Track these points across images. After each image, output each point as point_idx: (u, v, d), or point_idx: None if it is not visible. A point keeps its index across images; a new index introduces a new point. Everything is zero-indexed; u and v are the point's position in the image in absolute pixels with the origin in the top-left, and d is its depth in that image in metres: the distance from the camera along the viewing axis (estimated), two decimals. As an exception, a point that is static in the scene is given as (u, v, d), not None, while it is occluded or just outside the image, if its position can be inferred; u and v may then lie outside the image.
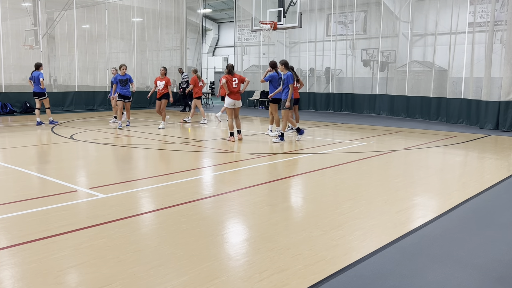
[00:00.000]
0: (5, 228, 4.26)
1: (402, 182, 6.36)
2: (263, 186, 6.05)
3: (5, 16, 17.01)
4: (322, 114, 18.03)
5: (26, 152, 8.72)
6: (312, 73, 19.99)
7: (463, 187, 6.08)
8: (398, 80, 16.84)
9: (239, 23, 22.38)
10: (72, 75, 19.09)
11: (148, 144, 9.83)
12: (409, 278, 3.27)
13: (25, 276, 3.24)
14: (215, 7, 31.06)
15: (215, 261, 3.52)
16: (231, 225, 4.50)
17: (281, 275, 3.28)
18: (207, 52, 34.42)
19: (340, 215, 4.72)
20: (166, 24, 22.24)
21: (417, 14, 16.94)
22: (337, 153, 8.82)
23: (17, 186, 5.99)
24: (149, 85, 20.77)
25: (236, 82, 10.16)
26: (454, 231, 4.32)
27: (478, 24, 14.53)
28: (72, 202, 5.15)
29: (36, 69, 12.88)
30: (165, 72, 12.83)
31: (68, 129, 12.21)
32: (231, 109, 10.24)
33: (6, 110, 16.33)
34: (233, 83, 10.12)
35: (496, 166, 7.65)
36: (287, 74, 10.00)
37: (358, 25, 18.90)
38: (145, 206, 5.16)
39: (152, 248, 3.79)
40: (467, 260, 3.62)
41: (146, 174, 6.91)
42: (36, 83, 12.76)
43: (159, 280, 3.18)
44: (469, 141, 10.57)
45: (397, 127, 13.42)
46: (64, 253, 3.63)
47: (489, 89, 13.03)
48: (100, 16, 19.71)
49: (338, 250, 3.77)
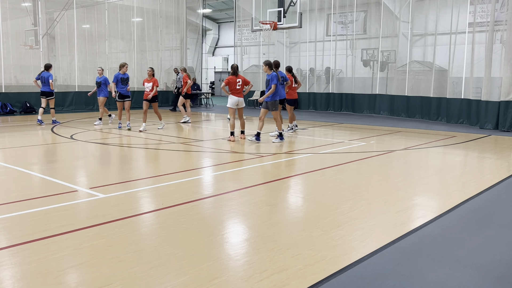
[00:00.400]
0: (5, 228, 4.26)
1: (402, 182, 6.36)
2: (263, 186, 6.05)
3: (5, 16, 17.01)
4: (322, 114, 18.03)
5: (26, 152, 8.72)
6: (312, 73, 19.99)
7: (463, 187, 6.08)
8: (398, 80, 16.84)
9: (239, 23, 22.38)
10: (72, 75, 19.09)
11: (148, 144, 9.83)
12: (409, 278, 3.27)
13: (25, 276, 3.24)
14: (215, 7, 31.06)
15: (215, 261, 3.52)
16: (231, 225, 4.50)
17: (281, 275, 3.28)
18: (207, 52, 34.41)
19: (340, 215, 4.72)
20: (166, 24, 22.24)
21: (417, 14, 16.94)
22: (337, 153, 8.82)
23: (17, 186, 5.99)
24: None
25: (240, 83, 10.17)
26: (454, 231, 4.32)
27: (478, 24, 14.53)
28: (72, 202, 5.15)
29: (46, 70, 13.10)
30: (152, 73, 12.15)
31: (68, 129, 12.21)
32: (234, 108, 10.26)
33: (6, 110, 16.33)
34: (237, 84, 10.14)
35: (496, 166, 7.65)
36: (272, 75, 9.94)
37: (358, 25, 18.90)
38: (145, 206, 5.16)
39: (152, 248, 3.79)
40: (467, 260, 3.62)
41: (146, 174, 6.91)
42: (45, 83, 12.97)
43: (159, 280, 3.18)
44: (469, 141, 10.57)
45: (397, 127, 13.42)
46: (64, 253, 3.63)
47: (489, 89, 13.03)
48: (100, 16, 19.72)
49: (338, 250, 3.77)
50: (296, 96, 11.85)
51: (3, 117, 15.69)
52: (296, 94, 11.82)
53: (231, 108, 10.26)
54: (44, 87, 12.99)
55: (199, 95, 22.69)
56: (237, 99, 10.18)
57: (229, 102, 10.28)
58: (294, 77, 11.63)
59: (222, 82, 34.31)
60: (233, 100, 10.17)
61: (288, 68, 11.80)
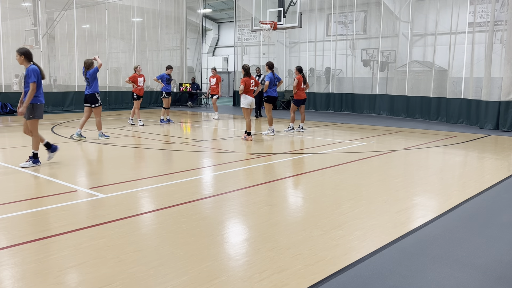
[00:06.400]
0: (5, 228, 4.26)
1: (402, 182, 6.36)
2: (263, 186, 6.05)
3: (5, 16, 17.01)
4: (322, 114, 18.03)
5: (26, 152, 8.71)
6: (312, 73, 19.99)
7: (463, 187, 6.08)
8: (398, 80, 16.85)
9: (239, 23, 22.39)
10: (72, 75, 19.07)
11: (148, 144, 9.83)
12: (409, 278, 3.27)
13: (25, 276, 3.24)
14: (215, 7, 31.04)
15: (215, 261, 3.52)
16: (231, 225, 4.50)
17: (281, 275, 3.28)
18: (207, 52, 34.40)
19: (340, 215, 4.72)
20: (166, 24, 22.24)
21: (417, 14, 16.94)
22: (337, 153, 8.82)
23: (17, 186, 5.99)
24: (149, 85, 20.77)
25: (253, 84, 10.32)
26: (454, 231, 4.31)
27: (478, 24, 14.53)
28: (72, 202, 5.15)
29: None
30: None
31: (68, 129, 12.21)
32: (249, 109, 10.30)
33: (6, 110, 16.33)
34: (251, 85, 10.25)
35: (496, 166, 7.64)
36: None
37: (358, 25, 18.91)
38: (145, 206, 5.16)
39: (152, 248, 3.79)
40: (467, 260, 3.62)
41: (146, 174, 6.91)
42: None
43: (159, 280, 3.18)
44: (469, 141, 10.57)
45: (397, 127, 13.42)
46: (64, 253, 3.63)
47: (489, 89, 13.03)
48: (100, 16, 19.71)
49: (338, 250, 3.77)
50: (304, 96, 11.90)
51: (3, 117, 15.69)
52: (304, 94, 11.86)
53: (246, 108, 10.29)
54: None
55: (198, 95, 22.69)
56: (251, 99, 10.31)
57: (244, 102, 10.31)
58: (304, 78, 11.70)
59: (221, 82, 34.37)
60: (248, 100, 10.26)
61: (298, 68, 11.86)
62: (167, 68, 14.09)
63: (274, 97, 11.50)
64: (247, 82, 10.13)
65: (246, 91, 10.19)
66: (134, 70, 13.23)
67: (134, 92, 13.10)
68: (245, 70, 10.23)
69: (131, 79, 12.98)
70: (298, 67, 11.87)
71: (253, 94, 10.48)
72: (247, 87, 10.16)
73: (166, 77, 13.85)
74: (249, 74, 10.26)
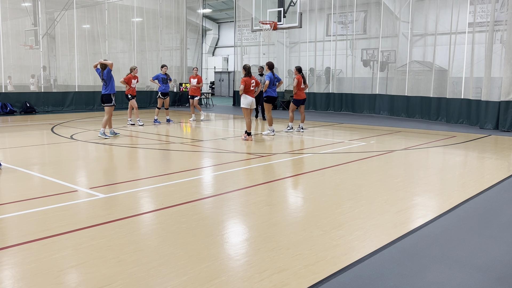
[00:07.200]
0: (5, 228, 4.26)
1: (402, 182, 6.36)
2: (263, 186, 6.05)
3: (5, 16, 17.01)
4: (322, 114, 18.03)
5: (26, 152, 8.72)
6: (312, 73, 19.99)
7: (463, 187, 6.08)
8: (398, 80, 16.85)
9: (239, 23, 22.38)
10: (72, 75, 19.08)
11: (148, 144, 9.83)
12: (409, 278, 3.27)
13: (25, 276, 3.24)
14: (215, 7, 31.06)
15: (215, 261, 3.52)
16: (231, 225, 4.50)
17: (281, 275, 3.28)
18: (207, 52, 34.42)
19: (340, 215, 4.72)
20: (166, 24, 22.24)
21: (417, 14, 16.94)
22: (337, 153, 8.82)
23: (17, 186, 5.99)
24: (149, 85, 20.78)
25: (253, 84, 10.29)
26: (454, 231, 4.31)
27: (478, 24, 14.53)
28: (72, 202, 5.15)
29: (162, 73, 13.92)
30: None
31: (68, 129, 12.21)
32: (249, 109, 10.29)
33: (6, 110, 16.33)
34: (251, 85, 10.22)
35: (496, 166, 7.64)
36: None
37: (358, 25, 18.91)
38: (145, 206, 5.16)
39: (152, 248, 3.79)
40: (467, 260, 3.62)
41: (146, 174, 6.91)
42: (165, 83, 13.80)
43: (159, 280, 3.18)
44: (469, 141, 10.57)
45: (397, 127, 13.42)
46: (64, 253, 3.63)
47: (489, 89, 13.03)
48: (100, 16, 19.72)
49: (338, 250, 3.77)
50: (304, 96, 11.91)
51: (3, 117, 15.69)
52: (304, 94, 11.87)
53: (246, 108, 10.29)
54: (165, 86, 13.81)
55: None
56: (251, 99, 10.29)
57: (244, 102, 10.30)
58: (303, 79, 11.72)
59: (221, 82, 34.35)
60: (248, 100, 10.25)
61: (298, 68, 11.87)
62: (162, 67, 14.02)
63: (274, 97, 11.54)
64: (247, 82, 10.13)
65: (246, 91, 10.19)
66: (130, 71, 13.03)
67: (128, 93, 13.03)
68: (246, 70, 10.24)
69: (126, 80, 12.84)
70: (298, 67, 11.88)
71: (254, 94, 10.49)
72: (247, 87, 10.17)
73: (162, 77, 13.73)
74: (250, 74, 10.27)
